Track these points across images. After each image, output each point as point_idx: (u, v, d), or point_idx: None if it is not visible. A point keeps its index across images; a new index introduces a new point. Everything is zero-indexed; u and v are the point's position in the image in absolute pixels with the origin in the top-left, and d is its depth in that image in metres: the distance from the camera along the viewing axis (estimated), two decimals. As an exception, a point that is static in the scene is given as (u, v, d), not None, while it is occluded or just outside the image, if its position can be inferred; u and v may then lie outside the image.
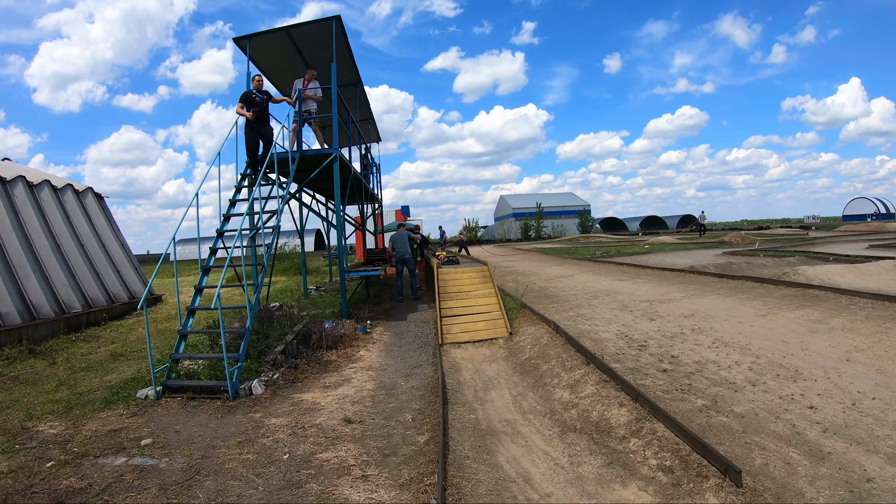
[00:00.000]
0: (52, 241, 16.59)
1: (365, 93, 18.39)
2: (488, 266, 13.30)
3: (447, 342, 10.41)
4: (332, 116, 13.49)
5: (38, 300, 14.48)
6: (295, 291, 19.50)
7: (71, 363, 11.22)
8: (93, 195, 20.13)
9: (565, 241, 56.29)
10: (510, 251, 38.81)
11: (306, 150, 13.44)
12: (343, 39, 14.00)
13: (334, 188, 13.10)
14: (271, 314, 11.31)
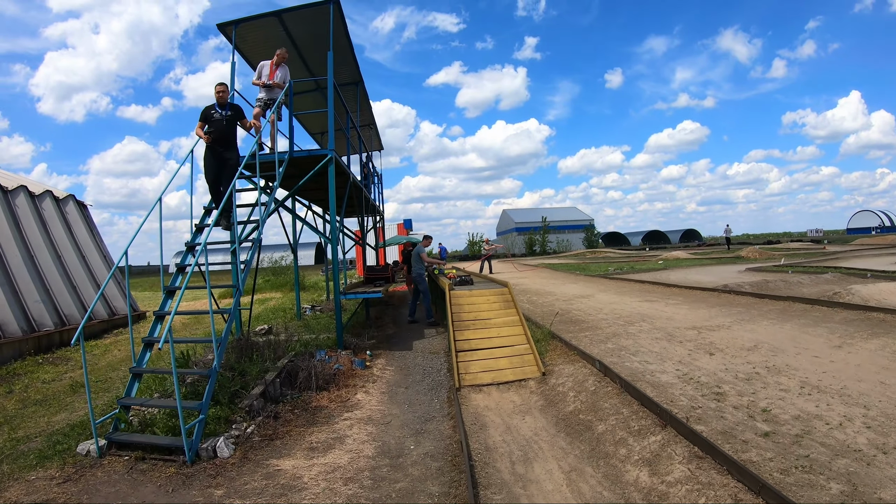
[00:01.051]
0: (26, 251, 15.40)
1: (367, 95, 16.66)
2: (509, 287, 11.14)
3: (465, 384, 8.28)
4: (328, 113, 11.48)
5: (3, 317, 13.31)
6: (288, 311, 17.82)
7: (27, 393, 10.15)
8: (74, 203, 19.05)
9: (572, 256, 54.98)
10: (517, 267, 37.12)
11: (296, 151, 11.58)
12: (341, 26, 12.18)
13: (329, 196, 11.12)
14: (252, 344, 9.50)
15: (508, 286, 11.15)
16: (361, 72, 14.72)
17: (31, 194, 16.99)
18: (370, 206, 17.99)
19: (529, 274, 30.04)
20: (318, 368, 8.85)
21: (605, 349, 9.09)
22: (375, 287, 13.06)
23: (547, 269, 32.34)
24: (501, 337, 9.51)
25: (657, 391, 6.64)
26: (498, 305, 10.48)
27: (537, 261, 47.69)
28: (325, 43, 11.68)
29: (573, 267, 32.97)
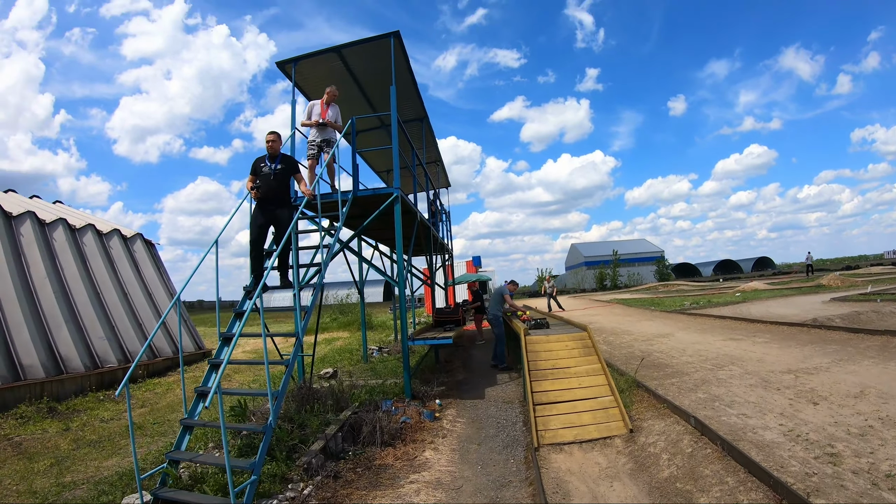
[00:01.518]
0: (92, 288, 15.61)
1: (432, 131, 16.20)
2: (589, 331, 10.28)
3: (545, 443, 7.44)
4: (393, 150, 11.05)
5: (68, 353, 13.41)
6: (355, 353, 17.35)
7: (83, 432, 10.14)
8: (142, 241, 19.25)
9: (644, 290, 53.37)
10: (588, 303, 36.08)
11: (361, 190, 11.11)
12: (403, 60, 11.77)
13: (396, 235, 10.66)
14: (314, 392, 8.97)
15: (588, 330, 10.32)
16: (426, 108, 14.35)
17: (99, 233, 17.20)
18: (438, 245, 17.46)
19: (602, 311, 28.98)
20: (384, 422, 8.22)
21: (697, 400, 8.20)
22: (446, 332, 12.41)
23: (620, 305, 31.21)
24: (583, 388, 8.64)
25: (763, 454, 5.80)
26: (578, 352, 9.63)
27: (609, 296, 46.44)
28: (388, 78, 11.29)
29: (647, 302, 31.70)
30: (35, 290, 14.00)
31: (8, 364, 12.23)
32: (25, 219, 15.01)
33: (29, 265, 14.34)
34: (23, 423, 10.80)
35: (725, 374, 9.91)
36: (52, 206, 19.56)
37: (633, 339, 15.59)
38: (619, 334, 16.92)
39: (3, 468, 8.29)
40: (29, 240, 14.76)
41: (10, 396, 11.81)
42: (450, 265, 21.33)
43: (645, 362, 11.47)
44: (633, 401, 8.90)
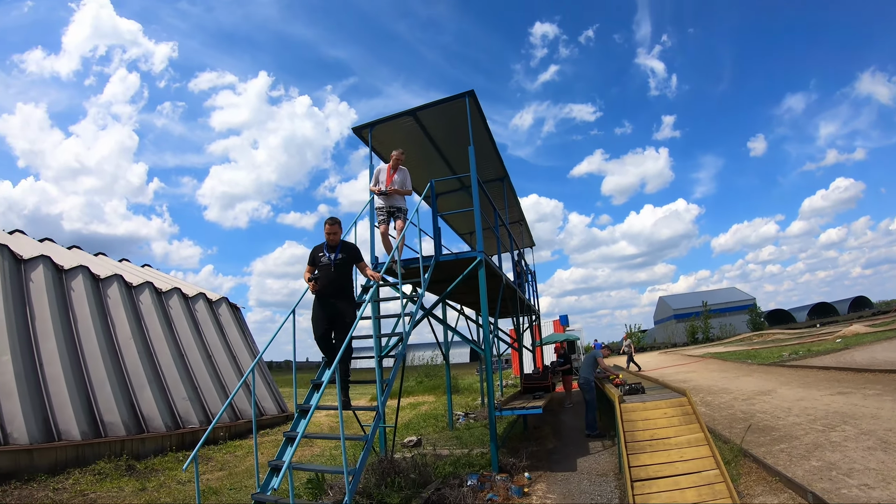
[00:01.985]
0: (176, 350, 15.93)
1: (514, 190, 15.89)
2: (689, 396, 9.52)
3: None
4: (475, 212, 10.71)
5: (149, 412, 13.68)
6: (440, 418, 17.00)
7: (159, 493, 10.02)
8: (227, 305, 19.56)
9: (737, 341, 51.55)
10: (681, 359, 34.87)
11: (444, 255, 10.81)
12: (480, 120, 11.54)
13: (481, 300, 10.23)
14: (395, 465, 8.56)
15: (688, 395, 9.54)
16: (506, 167, 14.09)
17: (185, 296, 17.53)
18: (524, 306, 16.96)
19: (696, 367, 27.83)
20: (469, 499, 7.74)
21: (811, 469, 7.43)
22: (535, 400, 11.88)
23: (714, 360, 29.97)
24: (685, 461, 7.88)
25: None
26: (677, 420, 8.86)
27: (701, 349, 44.82)
28: (465, 138, 11.03)
29: (742, 355, 30.35)
30: (120, 349, 14.33)
31: (89, 420, 12.44)
32: (113, 281, 15.42)
33: (115, 325, 14.69)
34: (100, 479, 10.83)
35: (838, 435, 9.11)
36: (141, 269, 20.09)
37: (733, 398, 14.72)
38: (716, 393, 16.05)
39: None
40: (115, 301, 15.13)
41: (89, 452, 11.94)
42: (536, 325, 20.77)
43: (748, 425, 10.67)
44: (740, 473, 8.12)
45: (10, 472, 10.65)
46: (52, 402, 12.10)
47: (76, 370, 13.07)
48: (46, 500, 9.57)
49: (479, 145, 11.68)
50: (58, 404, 12.15)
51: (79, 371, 13.13)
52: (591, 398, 12.86)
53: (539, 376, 14.68)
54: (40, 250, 15.01)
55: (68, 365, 12.89)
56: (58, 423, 11.90)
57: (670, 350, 51.92)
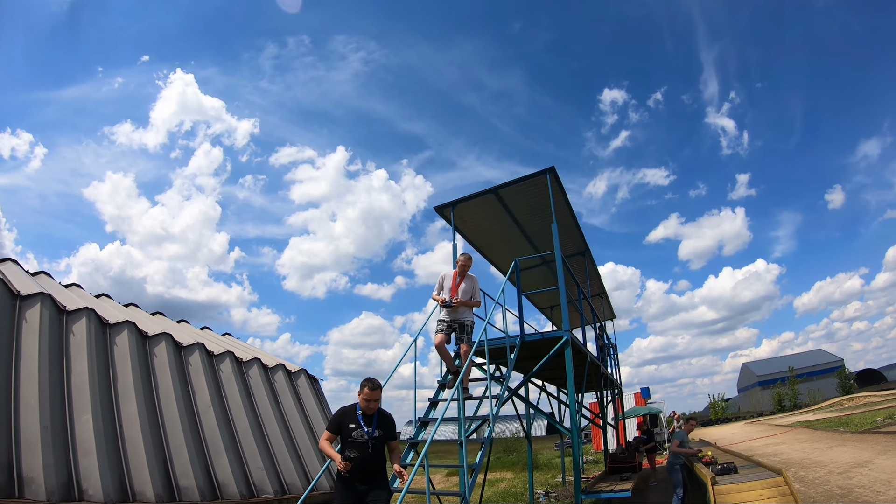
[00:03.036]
0: (255, 419, 15.95)
1: (594, 263, 15.74)
2: (786, 476, 8.89)
3: None
4: (559, 290, 10.54)
5: (225, 478, 13.74)
6: (520, 496, 16.56)
7: None
8: (305, 377, 19.76)
9: (827, 407, 49.17)
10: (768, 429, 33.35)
11: (530, 334, 10.62)
12: (561, 196, 11.52)
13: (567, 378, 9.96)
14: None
15: (784, 474, 8.97)
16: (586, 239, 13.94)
17: (265, 366, 17.68)
18: (607, 380, 16.61)
19: (785, 438, 26.58)
20: None
21: None
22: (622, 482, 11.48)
23: (804, 429, 28.57)
24: None
25: None
26: (774, 502, 8.33)
27: (789, 418, 43.00)
28: (545, 213, 11.11)
29: (833, 422, 28.58)
30: (199, 415, 14.49)
31: (165, 483, 12.57)
32: (195, 349, 15.66)
33: (195, 392, 14.90)
34: None
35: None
36: (221, 338, 20.44)
37: (828, 472, 13.78)
38: (809, 467, 15.11)
39: None
40: (196, 368, 15.37)
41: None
42: (618, 398, 20.26)
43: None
44: None
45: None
46: (129, 463, 12.27)
47: (155, 434, 13.25)
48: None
49: (561, 220, 11.54)
50: (135, 465, 12.31)
51: (157, 435, 13.31)
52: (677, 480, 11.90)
53: (626, 456, 14.25)
54: (126, 315, 15.38)
55: (147, 428, 13.06)
56: (133, 483, 12.05)
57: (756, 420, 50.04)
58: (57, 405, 11.80)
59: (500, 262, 13.95)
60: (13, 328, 12.12)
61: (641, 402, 28.92)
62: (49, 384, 11.91)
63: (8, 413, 11.01)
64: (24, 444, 10.81)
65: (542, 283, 14.44)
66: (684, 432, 12.47)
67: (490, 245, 13.66)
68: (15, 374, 11.59)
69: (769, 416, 56.94)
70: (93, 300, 16.01)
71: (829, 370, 76.19)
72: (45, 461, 10.76)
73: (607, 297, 18.73)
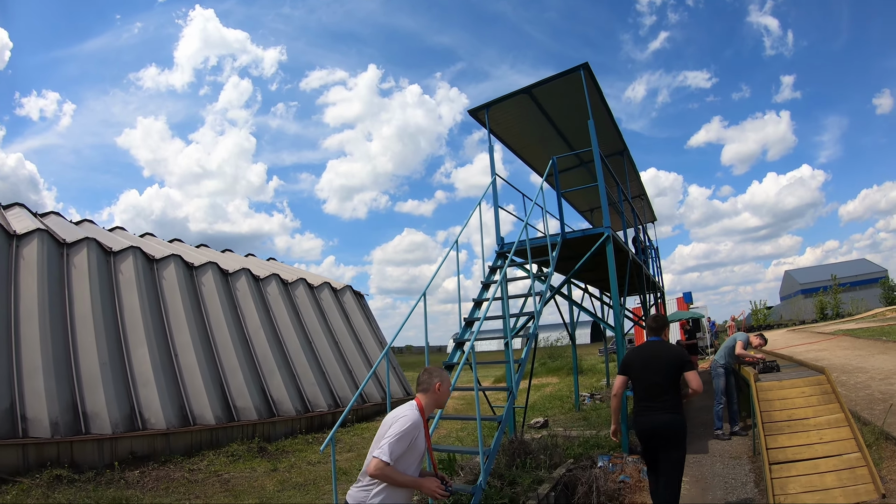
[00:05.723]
0: (304, 337, 16.55)
1: (633, 164, 15.48)
2: (828, 374, 8.97)
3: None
4: (599, 186, 10.58)
5: (279, 396, 14.25)
6: (566, 399, 16.94)
7: (290, 473, 10.54)
8: (351, 293, 20.12)
9: (870, 317, 48.56)
10: (810, 336, 33.20)
11: (570, 232, 10.74)
12: (597, 93, 11.24)
13: (610, 277, 10.03)
14: (525, 446, 8.55)
15: (826, 372, 8.97)
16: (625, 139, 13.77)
17: (310, 286, 18.04)
18: (649, 282, 16.68)
19: (826, 344, 26.44)
20: (601, 481, 7.55)
21: None
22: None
23: (847, 337, 28.40)
24: (824, 443, 7.43)
25: None
26: (815, 399, 8.36)
27: (832, 326, 42.66)
28: (582, 113, 10.83)
29: (876, 332, 28.31)
30: (250, 338, 14.98)
31: (223, 405, 13.08)
32: (241, 275, 16.04)
33: (244, 316, 15.30)
34: (233, 461, 11.45)
35: None
36: (266, 262, 20.93)
37: (869, 377, 13.90)
38: (851, 372, 15.22)
39: (204, 501, 8.72)
40: (244, 293, 15.77)
41: (223, 435, 12.59)
42: (661, 303, 20.32)
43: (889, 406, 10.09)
44: (882, 457, 7.59)
45: (148, 454, 11.35)
46: (187, 390, 12.82)
47: (209, 359, 13.80)
48: (182, 479, 10.15)
49: (597, 119, 11.34)
50: (193, 392, 12.86)
51: (212, 360, 13.86)
52: (718, 385, 11.30)
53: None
54: (171, 250, 15.83)
55: (202, 354, 13.63)
56: (193, 409, 12.59)
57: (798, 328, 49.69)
58: (113, 341, 12.34)
59: (538, 165, 13.89)
60: (62, 275, 12.61)
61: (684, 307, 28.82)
62: (104, 323, 12.41)
63: (67, 354, 11.52)
64: (86, 382, 11.34)
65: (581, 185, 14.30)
66: (746, 336, 11.86)
67: (526, 147, 13.56)
68: (70, 319, 12.07)
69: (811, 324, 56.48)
70: (137, 239, 16.50)
71: (873, 280, 75.07)
72: (107, 396, 11.32)
73: (648, 200, 18.45)
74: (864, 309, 64.09)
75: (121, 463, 10.68)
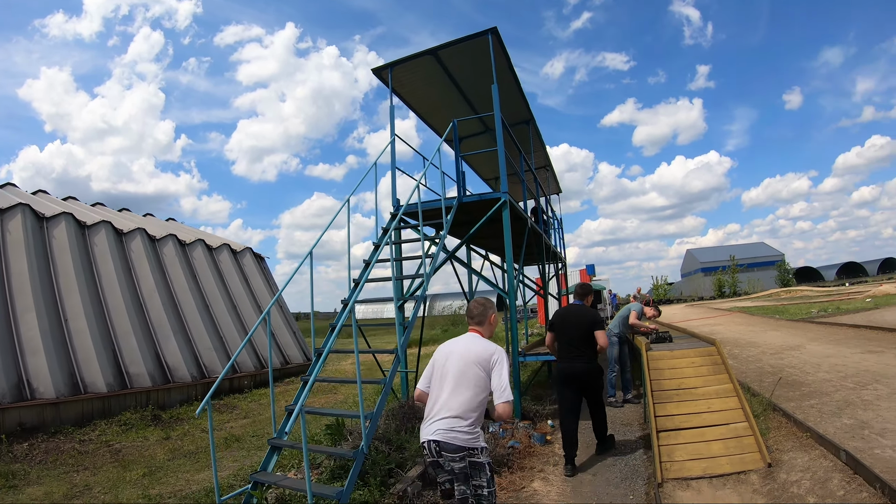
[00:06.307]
0: (201, 301, 16.11)
1: (539, 134, 15.41)
2: (718, 345, 9.15)
3: (669, 477, 6.40)
4: (499, 151, 10.41)
5: (175, 362, 13.87)
6: (466, 365, 16.65)
7: (183, 441, 10.36)
8: (251, 255, 19.63)
9: (765, 296, 50.84)
10: (707, 311, 34.50)
11: (466, 196, 10.62)
12: (504, 59, 11.09)
13: (505, 243, 9.99)
14: (416, 411, 8.43)
15: (717, 344, 9.15)
16: (532, 110, 13.72)
17: (209, 247, 17.58)
18: (551, 253, 16.66)
19: (721, 319, 27.48)
20: (490, 446, 7.45)
21: (842, 427, 7.08)
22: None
23: (742, 314, 29.55)
24: (712, 412, 7.53)
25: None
26: (706, 369, 8.51)
27: (728, 303, 44.32)
28: (489, 79, 10.60)
29: (770, 310, 29.95)
30: (144, 302, 14.50)
31: (115, 372, 12.62)
32: (136, 235, 15.46)
33: (139, 279, 14.78)
34: (126, 430, 11.15)
35: (870, 394, 8.66)
36: (165, 223, 20.22)
37: (760, 351, 14.37)
38: (744, 346, 15.71)
39: (97, 475, 8.47)
40: (139, 255, 15.20)
41: (115, 404, 12.18)
42: (563, 274, 20.47)
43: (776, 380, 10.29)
44: (769, 427, 7.72)
45: (37, 425, 10.87)
46: (77, 357, 12.27)
47: (101, 324, 13.25)
48: (72, 451, 9.75)
49: (503, 85, 11.25)
50: (83, 358, 12.32)
51: (104, 325, 13.31)
52: (612, 355, 11.41)
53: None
54: (63, 208, 15.08)
55: (93, 319, 13.07)
56: (83, 376, 12.08)
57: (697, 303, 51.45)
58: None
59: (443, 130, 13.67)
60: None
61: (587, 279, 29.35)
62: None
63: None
64: (-32, 350, 10.55)
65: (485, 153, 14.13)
66: (640, 305, 12.14)
67: (431, 112, 13.36)
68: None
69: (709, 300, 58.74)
70: (28, 197, 15.64)
71: (770, 263, 78.91)
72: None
73: (553, 171, 18.46)
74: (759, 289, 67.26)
75: (8, 436, 10.17)
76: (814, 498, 5.51)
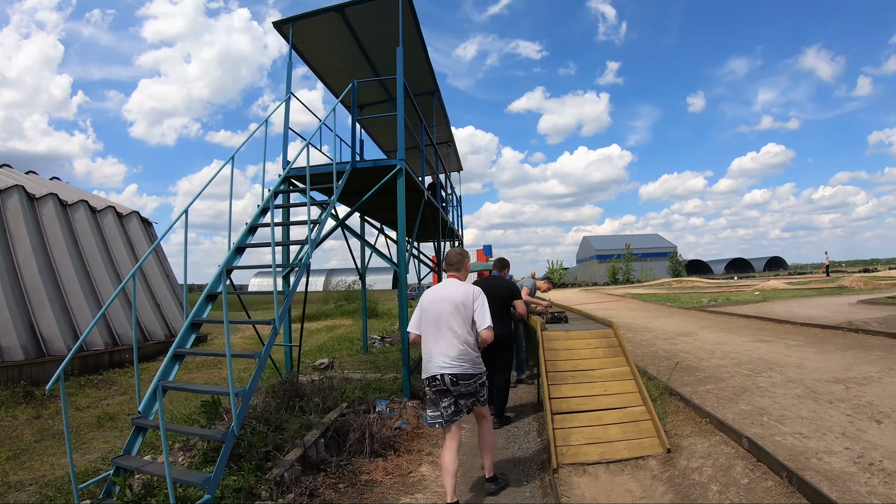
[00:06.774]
0: (82, 267, 15.01)
1: (444, 108, 15.03)
2: (615, 328, 8.91)
3: (565, 462, 6.13)
4: (398, 117, 9.92)
5: (50, 334, 12.85)
6: (356, 341, 16.54)
7: (54, 421, 9.49)
8: (138, 220, 18.52)
9: (657, 285, 52.32)
10: (601, 296, 35.00)
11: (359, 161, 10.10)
12: (413, 23, 10.64)
13: (398, 213, 9.50)
14: (299, 388, 7.88)
15: (613, 326, 8.91)
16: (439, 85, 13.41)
17: (93, 209, 16.49)
18: (447, 230, 16.30)
19: (615, 304, 28.08)
20: (376, 427, 7.08)
21: (741, 413, 6.90)
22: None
23: (635, 300, 30.14)
24: (609, 395, 7.25)
25: (837, 488, 4.62)
26: (602, 351, 8.23)
27: (622, 290, 45.28)
28: (394, 43, 10.09)
29: (662, 297, 30.68)
30: (19, 267, 13.41)
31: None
32: (13, 193, 14.25)
33: (14, 241, 13.63)
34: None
35: (765, 381, 8.68)
36: (47, 181, 18.82)
37: (654, 336, 14.47)
38: (637, 331, 15.81)
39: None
40: (16, 214, 14.06)
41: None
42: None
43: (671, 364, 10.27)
44: (666, 412, 7.58)
45: None
46: (-59, 328, 11.26)
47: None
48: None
49: (410, 51, 10.88)
50: (-55, 328, 11.29)
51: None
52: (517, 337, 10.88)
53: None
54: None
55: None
56: (-55, 348, 11.06)
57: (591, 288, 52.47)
58: None
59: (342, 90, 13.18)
60: None
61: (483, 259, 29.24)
62: None
63: None
64: None
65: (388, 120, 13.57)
66: (533, 282, 11.96)
67: (333, 74, 12.74)
68: None
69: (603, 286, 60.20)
70: None
71: (663, 254, 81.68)
72: None
73: (455, 148, 18.15)
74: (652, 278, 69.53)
75: None
76: (717, 486, 5.25)
